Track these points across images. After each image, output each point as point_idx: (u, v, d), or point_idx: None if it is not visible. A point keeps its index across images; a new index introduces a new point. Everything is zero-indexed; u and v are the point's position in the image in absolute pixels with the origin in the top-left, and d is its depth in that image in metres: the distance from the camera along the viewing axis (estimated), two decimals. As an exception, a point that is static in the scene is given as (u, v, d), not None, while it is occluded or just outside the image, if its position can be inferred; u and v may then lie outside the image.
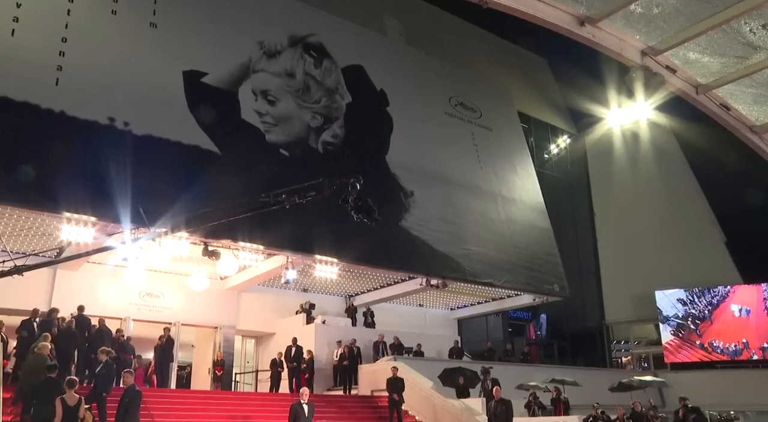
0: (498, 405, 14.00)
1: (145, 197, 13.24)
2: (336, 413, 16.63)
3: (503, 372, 19.73)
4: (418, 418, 17.34)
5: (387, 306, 24.94)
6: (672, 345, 31.68)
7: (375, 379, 18.83)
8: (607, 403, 17.16)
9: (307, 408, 12.44)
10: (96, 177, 14.18)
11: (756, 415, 30.63)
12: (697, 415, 14.74)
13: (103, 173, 14.14)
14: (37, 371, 11.73)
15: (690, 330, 31.49)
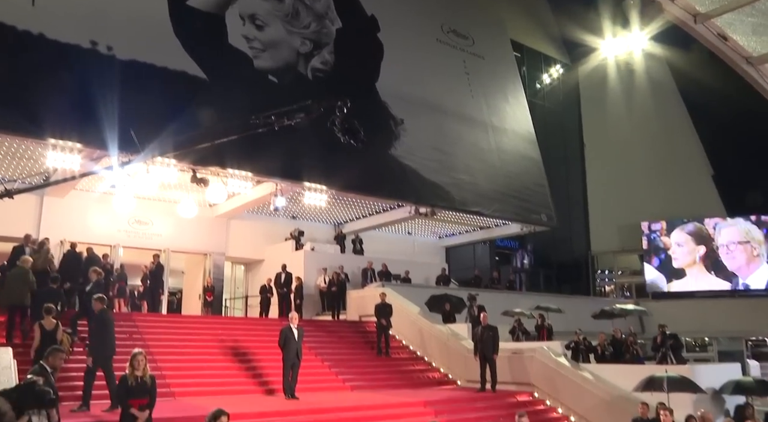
0: (484, 330, 14.32)
1: (132, 122, 12.93)
2: (325, 337, 17.00)
3: (489, 299, 20.13)
4: (405, 343, 17.79)
5: (376, 234, 25.15)
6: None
7: (363, 305, 19.19)
8: (589, 330, 17.62)
9: (296, 332, 12.67)
10: (81, 103, 13.90)
11: (728, 341, 31.89)
12: (674, 341, 15.14)
13: (89, 98, 13.84)
14: (17, 281, 12.12)
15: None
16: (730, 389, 11.98)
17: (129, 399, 7.74)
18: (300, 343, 12.75)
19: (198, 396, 11.91)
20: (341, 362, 15.59)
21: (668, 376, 11.44)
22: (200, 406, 9.63)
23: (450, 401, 13.26)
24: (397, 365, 16.45)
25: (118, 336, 13.28)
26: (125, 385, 7.78)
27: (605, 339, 16.01)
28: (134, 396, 7.74)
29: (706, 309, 29.60)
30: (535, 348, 15.14)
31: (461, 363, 15.76)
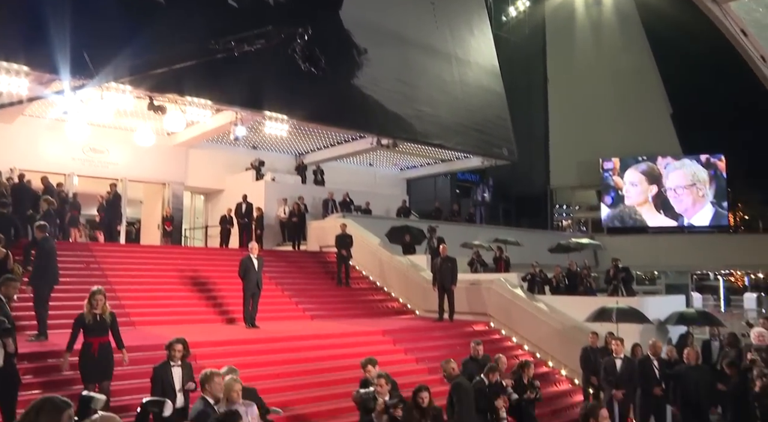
0: (443, 262, 14.54)
1: (86, 46, 12.45)
2: (285, 267, 17.09)
3: (449, 231, 20.41)
4: (365, 273, 18.01)
5: (337, 165, 25.04)
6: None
7: (323, 236, 19.27)
8: (545, 263, 18.08)
9: (256, 262, 12.70)
10: (30, 23, 13.13)
11: (675, 274, 33.28)
12: (626, 274, 15.69)
13: (38, 18, 13.08)
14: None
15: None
16: (674, 320, 12.53)
17: (88, 337, 7.60)
18: (260, 273, 12.80)
19: (158, 325, 11.96)
20: (301, 292, 15.75)
21: (618, 307, 11.88)
22: (160, 335, 9.68)
23: (408, 330, 13.58)
24: (357, 295, 16.70)
25: (74, 266, 13.25)
26: (81, 322, 7.64)
27: (560, 272, 16.45)
28: (93, 333, 7.60)
29: (656, 245, 30.65)
30: (492, 279, 15.49)
31: (420, 294, 16.08)
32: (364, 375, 7.96)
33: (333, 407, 8.83)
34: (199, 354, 9.52)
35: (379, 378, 7.45)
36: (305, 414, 8.82)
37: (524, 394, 9.27)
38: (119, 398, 7.89)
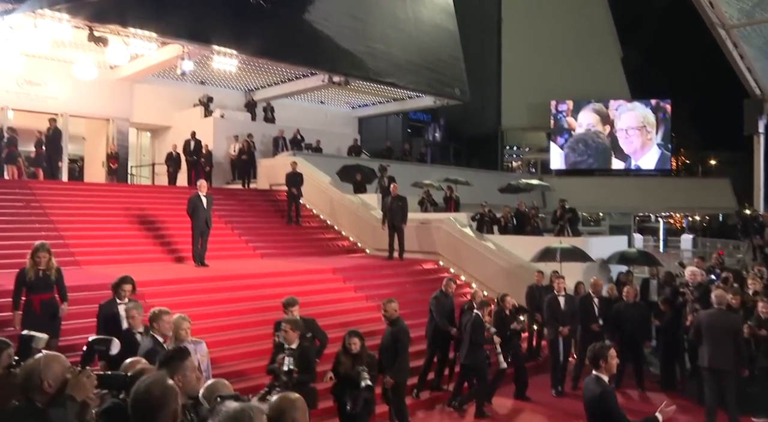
0: (394, 201, 14.59)
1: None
2: (235, 205, 16.91)
3: (400, 170, 20.44)
4: (315, 212, 17.98)
5: (287, 102, 24.58)
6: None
7: (274, 174, 19.06)
8: (494, 203, 18.31)
9: (205, 200, 12.50)
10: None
11: (619, 216, 34.31)
12: (572, 215, 16.03)
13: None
14: None
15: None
16: (615, 259, 12.94)
17: (30, 294, 7.33)
18: (209, 211, 12.63)
19: (104, 265, 11.77)
20: (251, 230, 15.67)
21: (561, 247, 12.18)
22: (106, 274, 9.51)
23: (358, 268, 13.71)
24: (307, 233, 16.70)
25: (12, 204, 12.82)
26: (22, 279, 7.37)
27: (509, 212, 16.71)
28: (36, 291, 7.35)
29: (602, 187, 31.37)
30: (442, 218, 15.66)
31: (370, 232, 16.17)
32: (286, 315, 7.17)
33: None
34: (148, 292, 9.44)
35: (286, 323, 6.55)
36: (254, 351, 8.88)
37: (510, 326, 9.65)
38: (64, 337, 7.79)
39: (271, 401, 3.22)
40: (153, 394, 2.67)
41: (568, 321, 10.19)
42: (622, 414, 4.93)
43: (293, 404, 3.01)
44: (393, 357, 7.62)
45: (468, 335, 8.90)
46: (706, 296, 9.89)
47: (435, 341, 9.77)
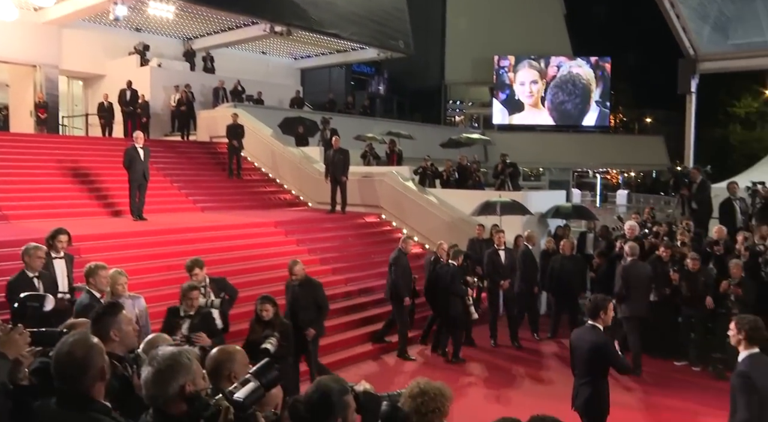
0: (336, 154, 14.50)
1: None
2: (175, 158, 16.50)
3: (343, 123, 20.26)
4: (257, 165, 17.72)
5: (228, 52, 23.87)
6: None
7: (214, 126, 18.63)
8: (437, 157, 18.40)
9: (142, 152, 12.12)
10: None
11: (558, 171, 35.08)
12: (513, 169, 16.25)
13: None
14: None
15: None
16: (551, 213, 13.24)
17: None
18: (147, 163, 12.28)
19: (36, 219, 11.36)
20: (191, 183, 15.36)
21: (501, 201, 12.37)
22: (38, 229, 9.15)
23: (301, 221, 13.65)
24: (249, 186, 16.49)
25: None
26: None
27: (451, 166, 16.82)
28: None
29: (542, 142, 31.91)
30: (384, 172, 15.67)
31: (313, 186, 16.08)
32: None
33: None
34: (84, 247, 9.19)
35: (191, 290, 6.02)
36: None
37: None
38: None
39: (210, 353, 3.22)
40: (76, 355, 2.59)
41: (507, 275, 10.42)
42: (623, 358, 5.43)
43: (231, 356, 3.00)
44: (316, 314, 7.76)
45: (446, 286, 9.39)
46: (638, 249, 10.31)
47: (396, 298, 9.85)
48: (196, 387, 2.53)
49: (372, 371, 9.12)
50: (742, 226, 10.95)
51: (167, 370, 2.49)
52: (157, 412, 2.49)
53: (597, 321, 5.26)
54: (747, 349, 4.42)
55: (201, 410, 2.36)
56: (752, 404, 4.22)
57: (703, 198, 12.28)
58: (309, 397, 2.59)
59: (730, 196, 11.65)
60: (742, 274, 8.65)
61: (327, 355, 9.23)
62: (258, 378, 2.51)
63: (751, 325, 4.43)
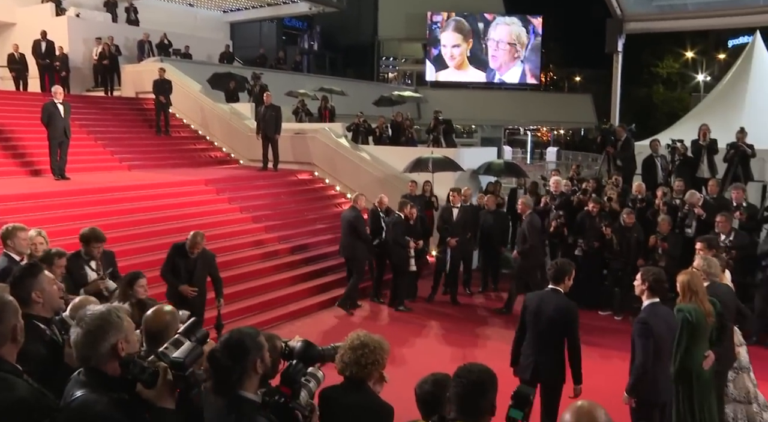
0: (267, 110, 14.22)
1: None
2: (99, 114, 15.81)
3: (274, 79, 19.85)
4: (186, 121, 17.21)
5: (153, 3, 22.83)
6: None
7: (139, 81, 17.90)
8: (370, 113, 18.31)
9: (62, 107, 11.51)
10: None
11: (490, 128, 35.58)
12: (446, 126, 16.31)
13: None
14: None
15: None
16: (482, 170, 13.44)
17: None
18: (68, 120, 11.70)
19: (-53, 177, 10.76)
20: (117, 140, 14.80)
21: (433, 157, 12.46)
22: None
23: (232, 179, 13.41)
24: (178, 144, 16.04)
25: None
26: None
27: (384, 123, 16.78)
28: None
29: (474, 100, 32.16)
30: (317, 128, 15.52)
31: (244, 143, 15.77)
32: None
33: (156, 258, 8.59)
34: (2, 209, 8.78)
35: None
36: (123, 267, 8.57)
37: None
38: None
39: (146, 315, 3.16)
40: None
41: (458, 232, 10.55)
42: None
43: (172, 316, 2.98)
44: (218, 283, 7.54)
45: (391, 235, 9.82)
46: (567, 204, 10.64)
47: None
48: (128, 344, 2.49)
49: (310, 326, 9.19)
50: (662, 182, 11.40)
51: (97, 330, 2.43)
52: (91, 371, 2.43)
53: (559, 286, 5.13)
54: (649, 299, 4.73)
55: (138, 374, 2.33)
56: (648, 348, 4.55)
57: (627, 155, 12.69)
58: (224, 344, 2.61)
59: (652, 153, 12.08)
60: (669, 229, 9.03)
61: (264, 312, 9.26)
62: (188, 336, 2.50)
63: (655, 277, 4.72)
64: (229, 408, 2.57)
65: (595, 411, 2.13)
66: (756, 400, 5.61)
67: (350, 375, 3.18)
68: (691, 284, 4.89)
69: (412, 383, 3.13)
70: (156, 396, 2.35)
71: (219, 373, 2.58)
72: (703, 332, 4.88)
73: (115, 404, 2.32)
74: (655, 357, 4.60)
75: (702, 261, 5.46)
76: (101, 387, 2.37)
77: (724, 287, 5.47)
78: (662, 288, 4.74)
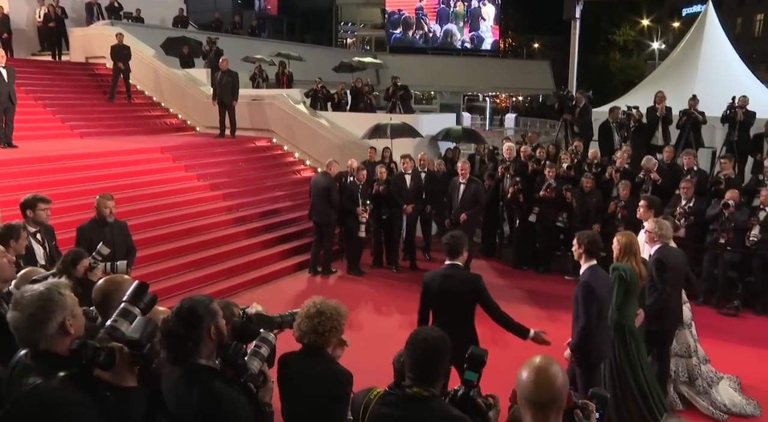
0: (223, 76, 13.91)
1: None
2: (47, 80, 15.25)
3: (230, 44, 19.39)
4: (140, 87, 16.70)
5: (101, -37, 21.99)
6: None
7: (89, 45, 17.33)
8: (329, 79, 18.10)
9: (5, 72, 10.95)
10: None
11: (449, 95, 35.58)
12: (405, 92, 16.24)
13: None
14: None
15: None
16: (441, 135, 13.47)
17: None
18: (12, 85, 11.17)
19: None
20: (67, 107, 14.32)
21: (391, 124, 12.43)
22: None
23: (188, 146, 13.17)
24: (132, 111, 15.61)
25: None
26: None
27: (343, 89, 16.63)
28: None
29: (433, 66, 32.04)
30: (274, 95, 15.30)
31: (200, 109, 15.45)
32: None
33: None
34: (-56, 177, 8.48)
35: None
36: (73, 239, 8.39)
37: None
38: None
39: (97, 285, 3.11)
40: None
41: (412, 200, 10.57)
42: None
43: (120, 286, 2.92)
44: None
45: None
46: (522, 170, 10.76)
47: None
48: (75, 319, 2.43)
49: (271, 293, 9.23)
50: (618, 147, 11.60)
51: (40, 311, 2.35)
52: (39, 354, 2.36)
53: (457, 259, 4.88)
54: (587, 261, 4.81)
55: (92, 357, 2.24)
56: (592, 310, 4.66)
57: (584, 122, 12.86)
58: (177, 313, 2.58)
59: (609, 119, 12.25)
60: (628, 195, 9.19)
61: (225, 280, 9.22)
62: (134, 303, 2.45)
63: (590, 240, 4.82)
64: (187, 376, 2.55)
65: (551, 366, 2.17)
66: (696, 354, 5.90)
67: (308, 343, 3.18)
68: (631, 245, 5.03)
69: (369, 348, 3.16)
70: (116, 376, 2.29)
71: (173, 343, 2.55)
72: (635, 291, 5.07)
73: (68, 384, 2.23)
74: (598, 317, 4.74)
75: (654, 224, 5.61)
76: (53, 369, 2.28)
77: (675, 251, 5.64)
78: (598, 250, 4.85)
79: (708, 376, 5.91)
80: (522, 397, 2.16)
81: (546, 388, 2.12)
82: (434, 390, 2.65)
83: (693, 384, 5.85)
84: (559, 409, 2.17)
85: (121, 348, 2.31)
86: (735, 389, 6.06)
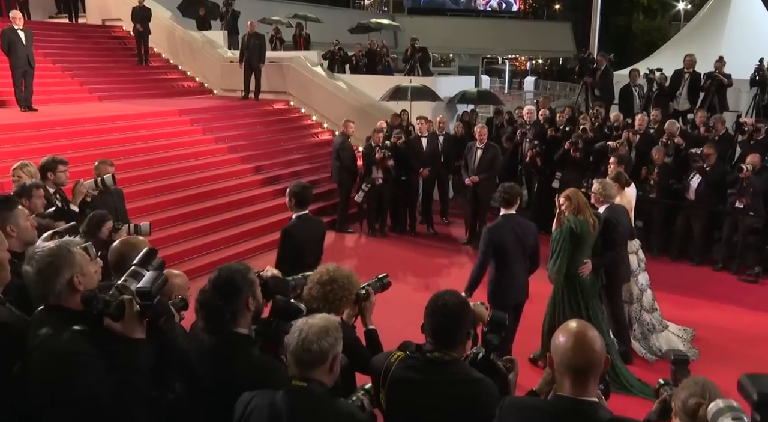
0: (251, 38, 13.80)
1: None
2: (65, 43, 15.19)
3: (246, 5, 19.02)
4: (157, 50, 16.61)
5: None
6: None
7: (106, 7, 17.23)
8: (346, 41, 17.92)
9: (23, 34, 10.94)
10: None
11: (468, 57, 35.08)
12: (423, 54, 16.05)
13: None
14: None
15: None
16: (457, 98, 13.33)
17: None
18: (30, 48, 11.16)
19: None
20: (86, 70, 14.28)
21: (412, 86, 12.31)
22: None
23: (206, 109, 13.14)
24: (150, 74, 15.58)
25: None
26: None
27: (360, 51, 16.46)
28: None
29: (452, 28, 31.56)
30: (292, 57, 15.19)
31: (217, 72, 15.41)
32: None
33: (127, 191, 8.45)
34: (-35, 141, 8.56)
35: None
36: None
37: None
38: None
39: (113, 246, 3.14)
40: None
41: (428, 163, 10.50)
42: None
43: (135, 247, 2.93)
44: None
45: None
46: (542, 134, 10.61)
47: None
48: (85, 277, 2.45)
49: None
50: (639, 111, 11.39)
51: (48, 267, 2.39)
52: (52, 308, 2.40)
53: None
54: (505, 210, 5.34)
55: (103, 308, 2.27)
56: (485, 253, 5.26)
57: (605, 85, 12.63)
58: (215, 283, 2.59)
59: (630, 82, 12.02)
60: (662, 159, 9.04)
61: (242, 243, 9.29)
62: (144, 266, 2.45)
63: (505, 189, 5.33)
64: (225, 346, 2.58)
65: (588, 331, 2.18)
66: (639, 302, 6.31)
67: (316, 309, 3.09)
68: (572, 201, 5.38)
69: (386, 311, 3.16)
70: (126, 327, 2.31)
71: (211, 313, 2.56)
72: (587, 241, 5.41)
73: (78, 336, 2.29)
74: (502, 264, 5.25)
75: (598, 185, 5.89)
76: (64, 322, 2.33)
77: (620, 208, 5.93)
78: (513, 200, 5.28)
79: (649, 323, 6.28)
80: (560, 363, 2.17)
81: (585, 353, 2.13)
82: (455, 355, 2.65)
83: (630, 328, 6.24)
84: (597, 373, 2.17)
85: (131, 299, 2.32)
86: (682, 338, 6.38)
